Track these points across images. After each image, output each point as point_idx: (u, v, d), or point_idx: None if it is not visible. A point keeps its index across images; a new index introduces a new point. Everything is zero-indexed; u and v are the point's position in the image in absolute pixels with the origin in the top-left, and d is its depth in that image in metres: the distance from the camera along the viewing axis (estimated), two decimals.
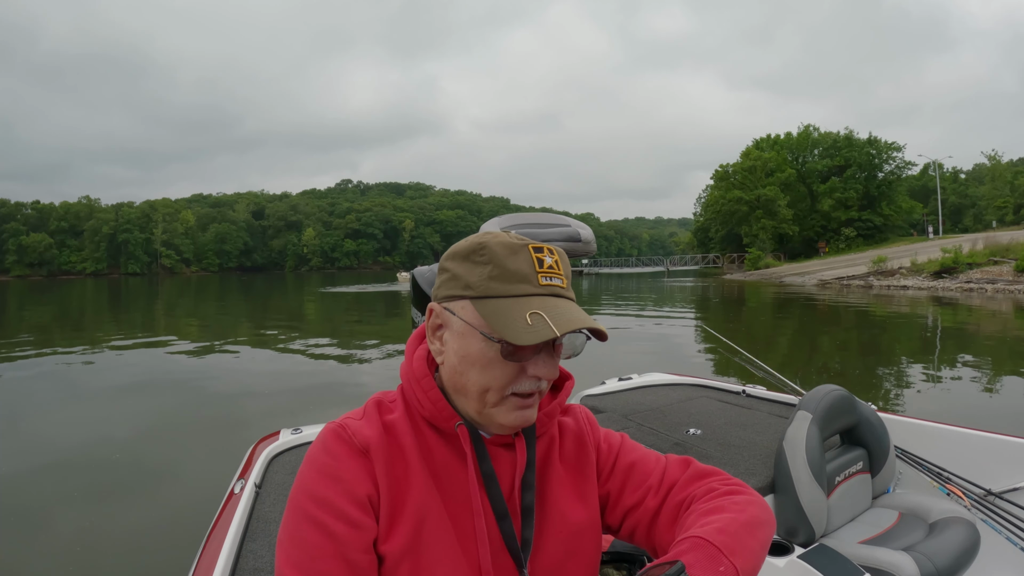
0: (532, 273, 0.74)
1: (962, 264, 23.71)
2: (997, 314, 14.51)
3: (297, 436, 2.31)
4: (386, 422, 0.79)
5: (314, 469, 0.75)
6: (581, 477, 0.88)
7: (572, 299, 0.78)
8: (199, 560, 1.48)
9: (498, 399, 0.75)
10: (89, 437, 5.63)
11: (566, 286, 0.77)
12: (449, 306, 0.77)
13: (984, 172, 62.96)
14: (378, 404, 0.82)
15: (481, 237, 0.77)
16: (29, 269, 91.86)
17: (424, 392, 0.79)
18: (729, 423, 2.50)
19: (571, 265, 0.82)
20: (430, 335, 0.80)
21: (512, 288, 0.73)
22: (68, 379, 8.71)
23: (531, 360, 0.74)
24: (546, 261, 0.76)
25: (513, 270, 0.74)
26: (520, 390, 0.75)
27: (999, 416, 5.55)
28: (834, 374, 8.04)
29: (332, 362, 10.03)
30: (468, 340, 0.75)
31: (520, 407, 0.76)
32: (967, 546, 1.71)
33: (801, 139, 56.16)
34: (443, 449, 0.79)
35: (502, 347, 0.73)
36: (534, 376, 0.75)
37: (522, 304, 0.72)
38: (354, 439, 0.76)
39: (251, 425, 5.69)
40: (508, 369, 0.74)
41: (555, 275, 0.76)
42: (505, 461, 0.80)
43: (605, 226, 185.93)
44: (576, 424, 0.92)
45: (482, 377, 0.74)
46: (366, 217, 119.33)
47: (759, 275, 38.99)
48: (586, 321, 0.73)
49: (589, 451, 0.91)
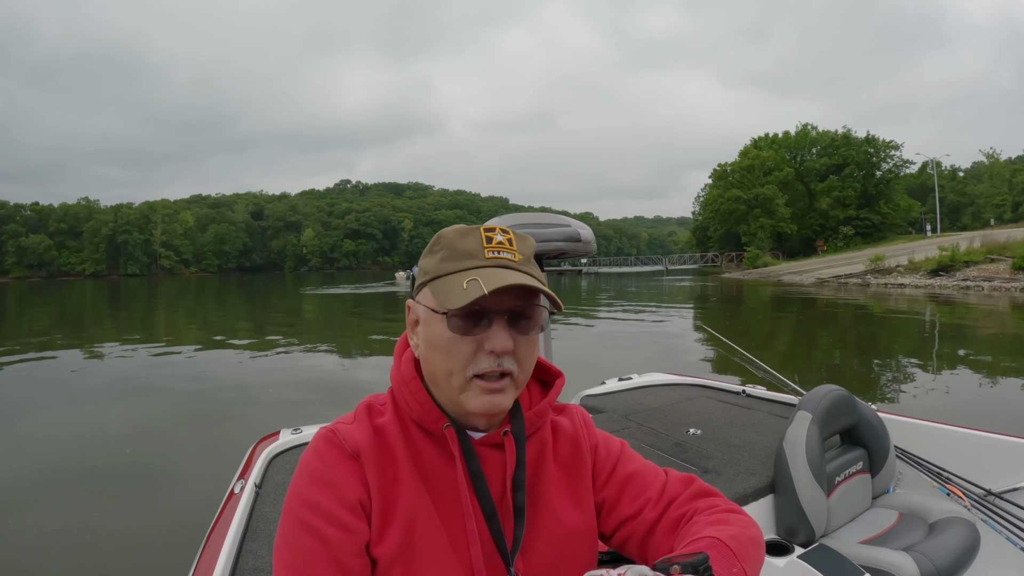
0: (479, 249, 0.76)
1: (959, 262, 23.75)
2: (994, 312, 14.53)
3: (297, 436, 2.31)
4: (376, 425, 0.80)
5: (306, 475, 0.76)
6: (576, 480, 0.87)
7: (524, 271, 0.77)
8: (199, 560, 1.48)
9: (463, 382, 0.75)
10: (89, 437, 5.63)
11: (519, 259, 0.77)
12: (419, 297, 0.80)
13: (982, 170, 63.09)
14: (368, 408, 0.82)
15: (442, 230, 0.80)
16: (28, 270, 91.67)
17: (412, 395, 0.80)
18: (729, 423, 2.50)
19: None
20: (409, 332, 0.82)
21: (459, 264, 0.75)
22: (68, 380, 8.69)
23: (485, 335, 0.74)
24: (496, 238, 0.77)
25: (461, 249, 0.76)
26: (480, 370, 0.74)
27: (999, 416, 5.55)
28: (834, 374, 8.05)
29: (331, 362, 10.02)
30: (430, 323, 0.77)
31: (486, 391, 0.75)
32: (967, 546, 1.71)
33: (799, 138, 56.16)
34: (432, 451, 0.79)
35: (448, 320, 0.74)
36: (491, 352, 0.74)
37: (464, 275, 0.74)
38: (345, 443, 0.76)
39: (251, 425, 5.69)
40: (464, 346, 0.74)
41: (504, 249, 0.77)
42: (495, 461, 0.80)
43: (604, 226, 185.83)
44: (572, 426, 0.91)
45: (444, 360, 0.75)
46: (365, 217, 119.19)
47: (757, 274, 39.01)
48: (522, 279, 0.72)
49: (584, 454, 0.90)
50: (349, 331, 15.14)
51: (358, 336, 13.74)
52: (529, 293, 0.76)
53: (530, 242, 0.81)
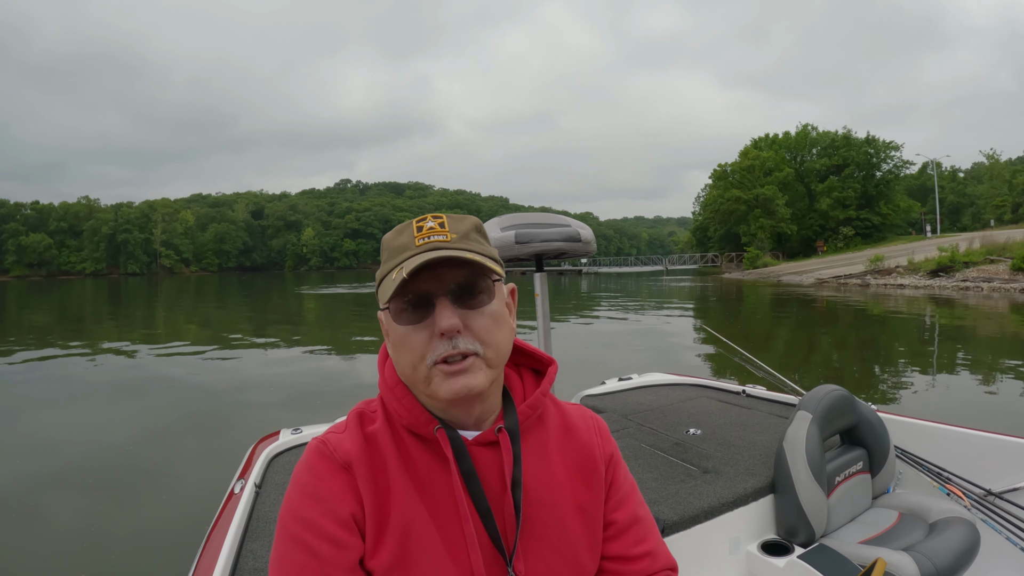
0: (411, 240, 0.75)
1: (958, 263, 23.75)
2: (993, 312, 14.53)
3: (297, 436, 2.31)
4: (367, 433, 0.78)
5: (298, 489, 0.75)
6: (586, 488, 0.84)
7: (460, 248, 0.74)
8: (199, 560, 1.48)
9: (427, 372, 0.73)
10: (88, 437, 5.63)
11: (453, 239, 0.75)
12: (382, 307, 0.78)
13: (983, 171, 63.07)
14: (359, 416, 0.81)
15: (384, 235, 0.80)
16: (28, 269, 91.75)
17: (398, 400, 0.78)
18: (729, 423, 2.50)
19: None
20: (387, 343, 0.81)
21: (394, 261, 0.74)
22: (67, 380, 8.69)
23: (431, 319, 0.72)
24: (426, 225, 0.76)
25: (397, 246, 0.76)
26: (439, 355, 0.72)
27: (999, 416, 5.55)
28: (833, 374, 8.05)
29: (331, 362, 10.02)
30: (388, 326, 0.76)
31: (450, 374, 0.72)
32: (967, 546, 1.71)
33: (799, 138, 56.16)
34: (425, 455, 0.77)
35: (391, 313, 0.74)
36: (441, 334, 0.72)
37: (398, 269, 0.72)
38: (335, 454, 0.75)
39: (251, 425, 5.69)
40: (417, 336, 0.73)
41: (435, 233, 0.75)
42: (491, 460, 0.78)
43: (604, 225, 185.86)
44: (585, 431, 0.88)
45: (403, 354, 0.74)
46: (365, 217, 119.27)
47: (757, 274, 39.01)
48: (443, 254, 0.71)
49: (598, 464, 0.86)
50: (349, 331, 15.14)
51: (357, 335, 13.74)
52: (469, 266, 0.73)
53: (469, 220, 0.79)
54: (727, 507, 1.82)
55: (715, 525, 1.78)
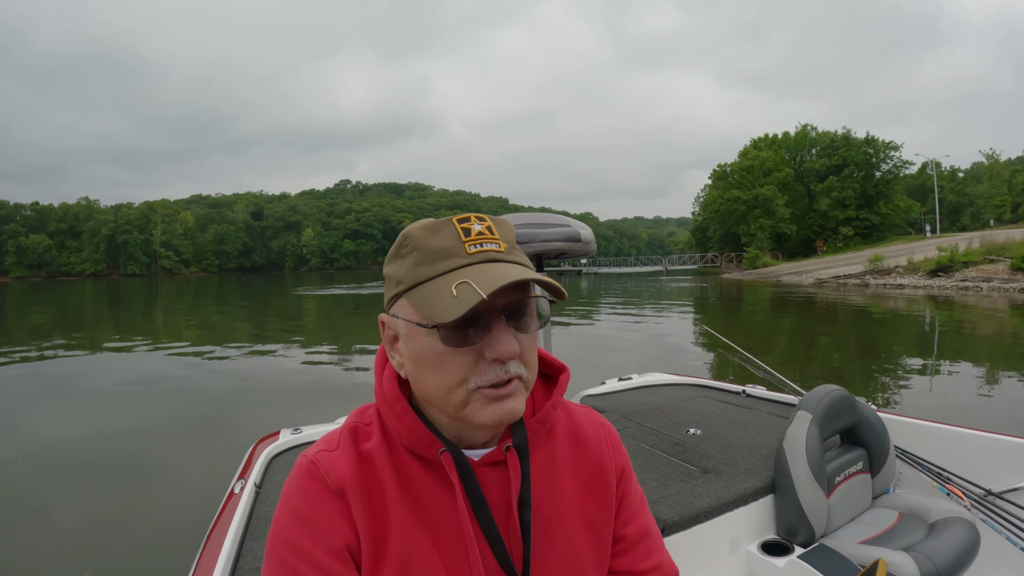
0: (458, 244, 0.67)
1: (958, 263, 23.78)
2: (992, 312, 14.54)
3: (297, 436, 2.31)
4: (363, 452, 0.72)
5: (288, 512, 0.70)
6: (595, 503, 0.79)
7: (516, 262, 0.68)
8: (199, 560, 1.48)
9: (464, 397, 0.66)
10: (88, 438, 5.63)
11: (505, 249, 0.68)
12: (394, 310, 0.70)
13: (982, 171, 63.15)
14: (353, 432, 0.74)
15: (407, 228, 0.70)
16: (28, 270, 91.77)
17: (399, 418, 0.71)
18: (729, 423, 2.50)
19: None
20: (389, 349, 0.73)
21: (438, 267, 0.66)
22: (67, 380, 8.69)
23: (484, 341, 0.65)
24: (474, 229, 0.68)
25: (435, 248, 0.67)
26: (485, 381, 0.65)
27: (999, 416, 5.56)
28: (833, 374, 8.05)
29: (331, 361, 10.02)
30: (413, 338, 0.68)
31: (494, 399, 0.65)
32: (967, 546, 1.71)
33: (799, 138, 56.20)
34: (426, 478, 0.71)
35: (439, 333, 0.65)
36: (494, 360, 0.65)
37: (448, 279, 0.64)
38: (328, 478, 0.69)
39: (251, 425, 5.69)
40: (461, 358, 0.65)
41: (487, 240, 0.67)
42: (497, 481, 0.72)
43: (604, 226, 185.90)
44: (596, 440, 0.82)
45: (438, 376, 0.66)
46: (365, 217, 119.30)
47: (756, 274, 39.02)
48: (518, 274, 0.63)
49: (608, 477, 0.80)
50: (348, 331, 15.14)
51: (356, 335, 13.74)
52: (524, 285, 0.67)
53: (508, 226, 0.71)
54: (727, 507, 1.82)
55: (715, 525, 1.78)
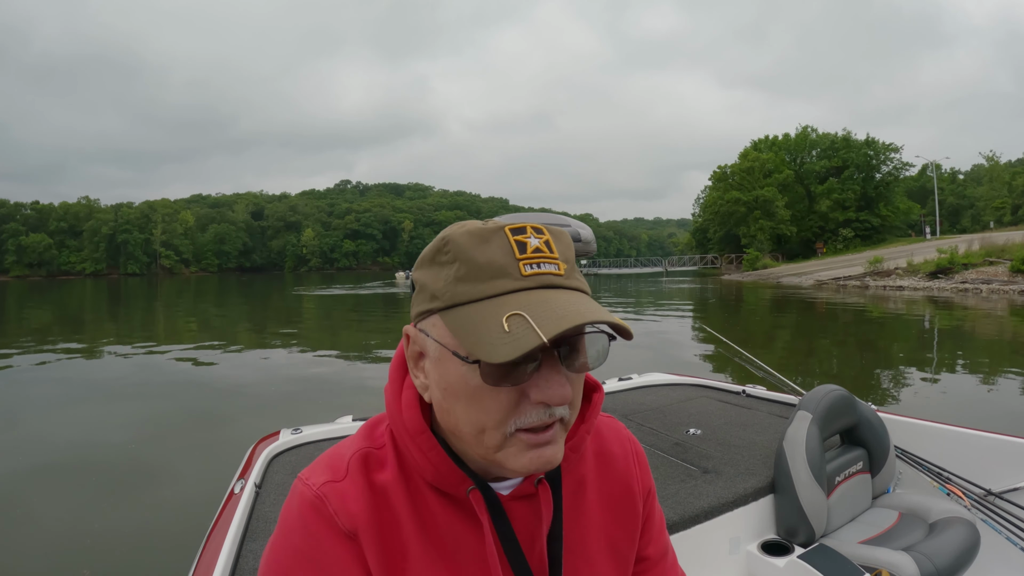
0: (511, 262, 0.56)
1: (957, 265, 23.81)
2: (992, 314, 14.55)
3: (297, 436, 2.31)
4: (376, 484, 0.63)
5: (290, 552, 0.60)
6: (621, 529, 0.72)
7: (577, 288, 0.59)
8: (199, 560, 1.47)
9: (500, 440, 0.57)
10: (88, 438, 5.62)
11: (564, 272, 0.58)
12: (423, 326, 0.60)
13: (982, 173, 63.15)
14: (364, 460, 0.64)
15: (446, 231, 0.60)
16: (28, 269, 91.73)
17: (423, 453, 0.62)
18: (729, 423, 2.50)
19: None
20: (412, 366, 0.63)
21: (485, 288, 0.56)
22: (67, 380, 8.68)
23: (531, 381, 0.56)
24: (530, 243, 0.57)
25: (484, 263, 0.56)
26: (526, 424, 0.56)
27: (999, 416, 5.56)
28: (833, 374, 8.05)
29: (331, 361, 10.02)
30: (445, 365, 0.58)
31: (534, 445, 0.57)
32: (967, 546, 1.71)
33: (799, 140, 56.20)
34: (449, 514, 0.64)
35: (481, 369, 0.54)
36: (540, 403, 0.56)
37: (498, 306, 0.54)
38: (338, 518, 0.60)
39: (251, 425, 5.69)
40: (502, 397, 0.56)
41: (545, 259, 0.57)
42: (527, 516, 0.65)
43: (604, 227, 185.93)
44: (623, 460, 0.75)
45: (471, 413, 0.57)
46: (365, 218, 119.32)
47: (756, 275, 39.03)
48: (590, 313, 0.54)
49: (636, 501, 0.74)
50: (347, 331, 15.14)
51: (356, 335, 13.74)
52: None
53: (567, 240, 0.61)
54: (727, 507, 1.82)
55: (715, 525, 1.78)
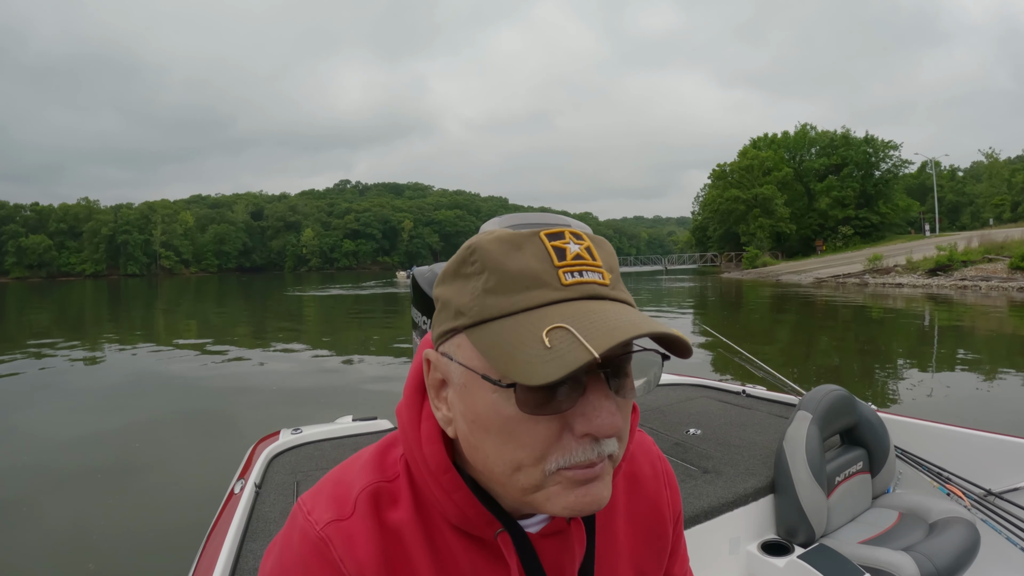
0: (549, 269, 0.48)
1: (957, 262, 23.82)
2: (991, 311, 14.56)
3: (297, 436, 2.31)
4: (388, 525, 0.55)
5: None
6: (648, 551, 0.66)
7: (623, 300, 0.51)
8: (199, 560, 1.48)
9: (539, 479, 0.48)
10: (88, 437, 5.62)
11: (609, 282, 0.50)
12: (445, 348, 0.52)
13: (981, 170, 63.21)
14: (375, 497, 0.56)
15: (472, 239, 0.52)
16: (28, 271, 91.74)
17: (447, 494, 0.54)
18: (729, 423, 2.50)
19: None
20: (433, 397, 0.55)
21: (519, 299, 0.47)
22: (67, 381, 8.69)
23: (576, 408, 0.47)
24: (570, 249, 0.50)
25: (517, 272, 0.48)
26: (569, 461, 0.47)
27: (999, 416, 5.56)
28: (833, 374, 8.05)
29: (330, 361, 10.02)
30: (473, 393, 0.49)
31: (579, 482, 0.48)
32: (967, 546, 1.71)
33: (798, 138, 56.18)
34: (474, 556, 0.56)
35: (516, 394, 0.46)
36: (586, 434, 0.47)
37: (536, 319, 0.46)
38: (344, 565, 0.52)
39: (251, 425, 5.69)
40: (540, 429, 0.47)
41: (587, 267, 0.50)
42: (557, 553, 0.58)
43: (604, 225, 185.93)
44: (654, 480, 0.68)
45: (504, 448, 0.48)
46: (365, 217, 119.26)
47: (756, 273, 39.04)
48: (646, 325, 0.45)
49: (666, 525, 0.68)
50: (347, 331, 15.14)
51: (357, 335, 13.74)
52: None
53: (609, 248, 0.54)
54: (727, 507, 1.82)
55: (715, 525, 1.78)
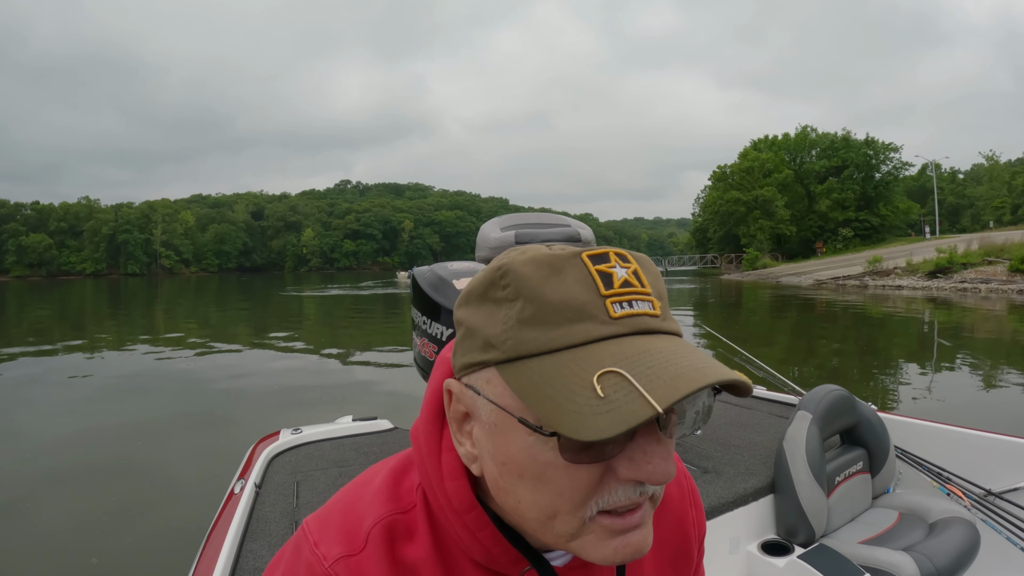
0: (595, 300, 0.43)
1: (956, 264, 23.83)
2: (991, 313, 14.57)
3: (297, 436, 2.31)
4: (403, 563, 0.50)
5: None
6: (672, 572, 0.63)
7: (673, 331, 0.45)
8: (199, 560, 1.48)
9: (576, 527, 0.44)
10: (88, 437, 5.62)
11: (660, 313, 0.45)
12: (471, 380, 0.46)
13: (982, 172, 63.24)
14: (389, 532, 0.51)
15: (502, 258, 0.46)
16: (29, 269, 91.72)
17: (471, 533, 0.50)
18: (729, 423, 2.50)
19: None
20: (455, 430, 0.49)
21: (562, 335, 0.42)
22: (67, 380, 8.69)
23: (623, 453, 0.42)
24: (617, 275, 0.44)
25: (558, 301, 0.43)
26: (611, 504, 0.43)
27: (999, 416, 5.56)
28: (833, 374, 8.05)
29: (331, 361, 10.02)
30: (505, 434, 0.44)
31: (619, 531, 0.44)
32: (967, 546, 1.71)
33: (799, 140, 56.21)
34: None
35: (560, 444, 0.41)
36: (631, 480, 0.43)
37: (583, 360, 0.41)
38: None
39: (251, 425, 5.69)
40: (582, 475, 0.42)
41: (637, 296, 0.44)
42: None
43: (604, 227, 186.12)
44: (680, 502, 0.65)
45: (540, 496, 0.44)
46: (365, 218, 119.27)
47: (756, 275, 39.05)
48: (712, 372, 0.40)
49: (692, 546, 0.65)
50: (347, 330, 15.14)
51: (357, 335, 13.74)
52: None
53: (654, 270, 0.48)
54: (727, 507, 1.82)
55: (715, 525, 1.78)
